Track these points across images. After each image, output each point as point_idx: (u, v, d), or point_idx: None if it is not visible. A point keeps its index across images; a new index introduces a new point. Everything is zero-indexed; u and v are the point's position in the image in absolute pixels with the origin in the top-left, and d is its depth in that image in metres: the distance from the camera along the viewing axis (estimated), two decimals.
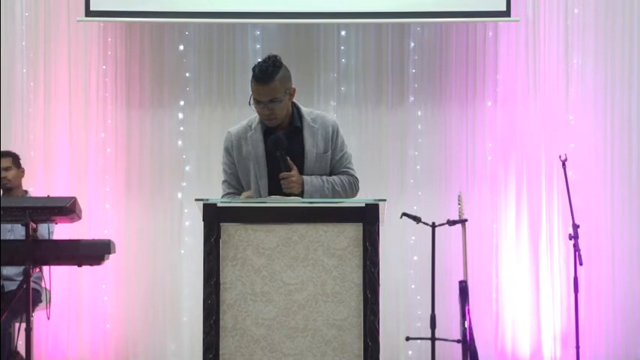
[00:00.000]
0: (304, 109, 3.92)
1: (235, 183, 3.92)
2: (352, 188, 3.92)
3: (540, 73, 6.48)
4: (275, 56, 3.78)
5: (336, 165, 3.91)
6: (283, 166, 3.76)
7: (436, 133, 6.54)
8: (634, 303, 6.35)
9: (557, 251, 6.38)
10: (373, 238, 3.39)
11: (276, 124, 3.82)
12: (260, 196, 3.80)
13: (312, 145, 3.85)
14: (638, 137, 6.44)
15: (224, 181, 3.96)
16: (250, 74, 3.76)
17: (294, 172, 3.77)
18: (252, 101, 3.78)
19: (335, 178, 3.88)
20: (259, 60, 3.80)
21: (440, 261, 5.87)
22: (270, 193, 3.79)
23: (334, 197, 3.82)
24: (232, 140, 3.92)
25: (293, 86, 3.85)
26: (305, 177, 3.79)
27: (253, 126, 3.88)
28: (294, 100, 3.90)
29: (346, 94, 6.57)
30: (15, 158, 5.75)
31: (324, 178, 3.84)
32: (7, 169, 5.67)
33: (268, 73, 3.72)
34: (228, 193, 3.92)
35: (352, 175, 3.94)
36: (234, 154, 3.90)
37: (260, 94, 3.73)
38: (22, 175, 5.78)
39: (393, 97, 6.57)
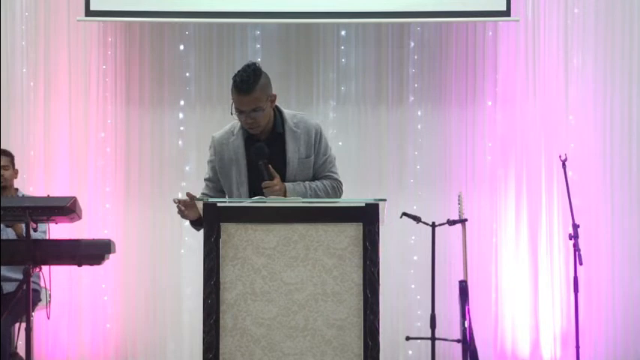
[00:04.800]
0: (287, 113, 3.89)
1: (211, 187, 3.95)
2: (335, 192, 3.91)
3: (540, 73, 6.48)
4: (254, 64, 3.75)
5: (319, 169, 3.90)
6: (266, 175, 3.75)
7: (436, 133, 6.54)
8: (634, 303, 6.35)
9: (557, 251, 6.39)
10: (373, 238, 3.40)
11: (258, 132, 3.81)
12: None
13: (294, 151, 3.83)
14: (638, 137, 6.45)
15: (205, 179, 4.00)
16: None
17: (277, 180, 3.76)
18: (233, 111, 3.76)
19: (318, 183, 3.87)
20: (239, 69, 3.76)
21: (440, 261, 5.87)
22: None
23: None
24: (215, 146, 3.93)
25: (273, 92, 3.81)
26: (288, 184, 3.78)
27: (235, 132, 3.88)
28: (277, 103, 3.88)
29: (346, 93, 6.57)
30: (12, 158, 5.73)
31: (306, 184, 3.83)
32: (5, 167, 5.65)
33: (249, 83, 3.68)
34: (203, 193, 3.97)
35: (335, 179, 3.93)
36: (216, 159, 3.92)
37: (242, 104, 3.71)
38: (16, 176, 5.76)
39: (393, 97, 6.57)
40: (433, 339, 5.69)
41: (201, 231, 3.52)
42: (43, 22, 6.50)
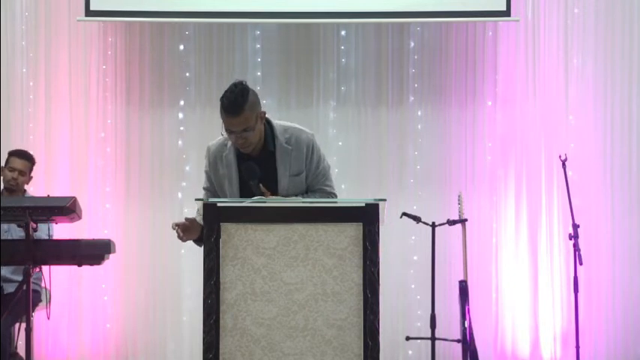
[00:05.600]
0: (278, 128, 3.84)
1: (210, 197, 3.93)
2: None
3: (540, 73, 6.49)
4: (241, 83, 3.70)
5: (312, 182, 3.89)
6: (257, 194, 3.74)
7: (436, 133, 6.54)
8: (634, 303, 6.36)
9: (557, 251, 6.39)
10: (373, 238, 3.40)
11: (250, 150, 3.80)
12: None
13: (284, 169, 3.82)
14: (638, 137, 6.45)
15: (204, 188, 3.98)
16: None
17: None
18: (224, 131, 3.73)
19: (310, 197, 3.86)
20: (226, 90, 3.70)
21: (440, 261, 5.87)
22: None
23: None
24: (209, 158, 3.91)
25: (262, 110, 3.78)
26: None
27: (228, 145, 3.85)
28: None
29: (346, 93, 6.57)
30: (32, 164, 5.68)
31: (298, 199, 3.82)
32: (21, 172, 5.60)
33: (238, 104, 3.63)
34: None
35: (329, 192, 3.92)
36: (211, 171, 3.91)
37: (232, 125, 3.67)
38: (27, 183, 5.73)
39: (393, 97, 6.57)
40: (433, 339, 5.69)
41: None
42: (43, 22, 6.50)
